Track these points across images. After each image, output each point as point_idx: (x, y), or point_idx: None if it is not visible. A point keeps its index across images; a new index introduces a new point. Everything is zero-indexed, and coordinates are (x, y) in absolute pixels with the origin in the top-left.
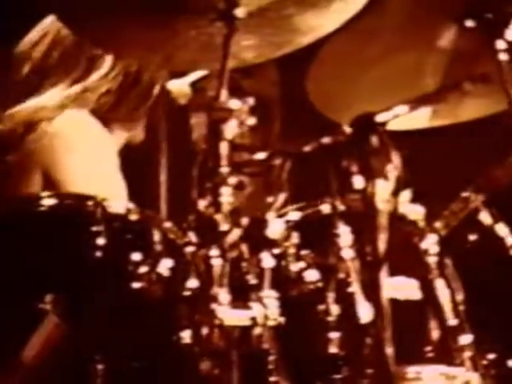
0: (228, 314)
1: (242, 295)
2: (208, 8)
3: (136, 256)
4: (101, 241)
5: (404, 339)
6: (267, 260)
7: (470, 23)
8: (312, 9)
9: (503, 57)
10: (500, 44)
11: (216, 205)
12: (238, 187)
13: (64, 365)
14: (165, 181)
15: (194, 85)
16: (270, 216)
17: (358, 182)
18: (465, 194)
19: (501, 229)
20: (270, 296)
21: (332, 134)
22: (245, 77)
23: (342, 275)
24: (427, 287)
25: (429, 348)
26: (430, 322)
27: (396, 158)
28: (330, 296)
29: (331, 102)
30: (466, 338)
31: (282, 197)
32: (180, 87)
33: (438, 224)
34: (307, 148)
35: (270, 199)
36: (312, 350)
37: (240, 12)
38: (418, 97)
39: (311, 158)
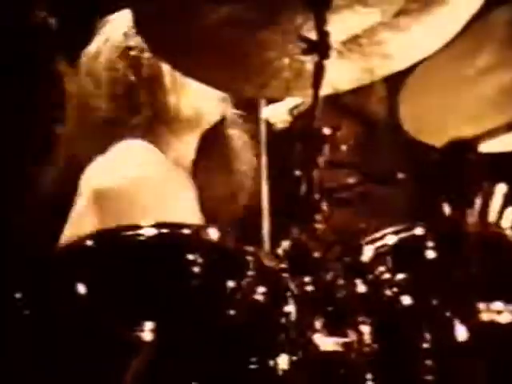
0: (323, 341)
1: (337, 322)
2: (300, 37)
3: (231, 283)
4: (197, 268)
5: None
6: (361, 286)
7: None
8: (405, 33)
9: None
10: None
11: (310, 231)
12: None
13: None
14: (266, 208)
15: (292, 110)
16: (364, 241)
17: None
18: None
19: None
20: (364, 322)
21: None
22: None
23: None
24: None
25: None
26: None
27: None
28: (425, 321)
29: (425, 124)
30: None
31: (374, 221)
32: (278, 113)
33: None
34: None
35: (362, 224)
36: (407, 377)
37: (331, 41)
38: None
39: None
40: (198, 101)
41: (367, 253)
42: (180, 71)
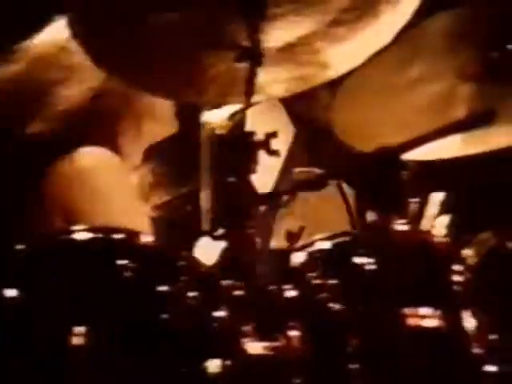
0: (254, 345)
1: (267, 326)
2: (234, 45)
3: (164, 288)
4: (129, 273)
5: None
6: (292, 291)
7: (495, 54)
8: (339, 42)
9: None
10: None
11: (243, 236)
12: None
13: None
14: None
15: (231, 116)
16: (295, 247)
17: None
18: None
19: None
20: (294, 327)
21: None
22: (298, 100)
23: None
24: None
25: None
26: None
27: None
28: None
29: (357, 132)
30: (491, 368)
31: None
32: (218, 118)
33: (467, 252)
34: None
35: (294, 230)
36: (335, 381)
37: (265, 49)
38: (447, 125)
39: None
40: None
41: (298, 258)
42: (120, 78)
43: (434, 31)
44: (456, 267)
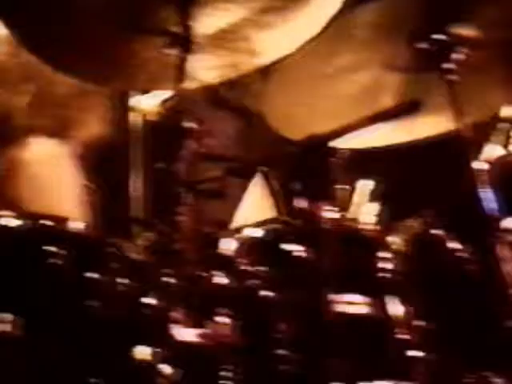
0: (185, 332)
1: (198, 313)
2: (164, 31)
3: (94, 275)
4: (59, 260)
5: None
6: (223, 278)
7: (421, 45)
8: (269, 30)
9: (452, 77)
10: (448, 65)
11: (173, 224)
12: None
13: None
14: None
15: (162, 103)
16: (226, 234)
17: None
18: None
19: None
20: (226, 314)
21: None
22: (230, 89)
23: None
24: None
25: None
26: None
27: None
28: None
29: (287, 120)
30: (417, 353)
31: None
32: (148, 105)
33: (394, 239)
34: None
35: (226, 217)
36: (265, 368)
37: (196, 35)
38: (374, 114)
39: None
40: None
41: (229, 245)
42: (49, 65)
43: (363, 21)
44: (383, 254)
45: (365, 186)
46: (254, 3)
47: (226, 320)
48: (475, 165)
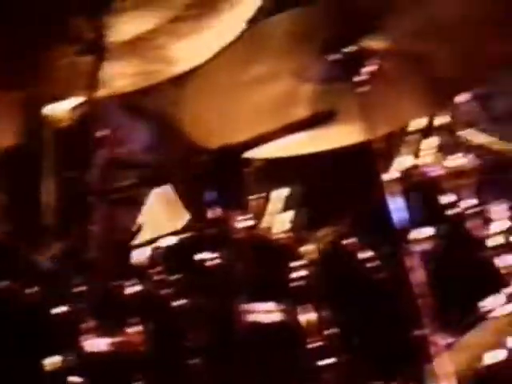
0: (96, 342)
1: (109, 322)
2: (78, 38)
3: (2, 283)
4: None
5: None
6: (135, 286)
7: (333, 56)
8: (184, 39)
9: (363, 89)
10: (360, 76)
11: (84, 232)
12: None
13: None
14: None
15: (74, 110)
16: (139, 242)
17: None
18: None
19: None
20: (138, 323)
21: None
22: (145, 96)
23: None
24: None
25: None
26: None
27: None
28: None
29: (202, 128)
30: (329, 360)
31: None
32: (62, 112)
33: (307, 248)
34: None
35: (135, 226)
36: (177, 376)
37: (110, 43)
38: (288, 124)
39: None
40: None
41: (141, 254)
42: None
43: (277, 31)
44: (296, 263)
45: (279, 195)
46: (169, 11)
47: (138, 329)
48: (386, 175)
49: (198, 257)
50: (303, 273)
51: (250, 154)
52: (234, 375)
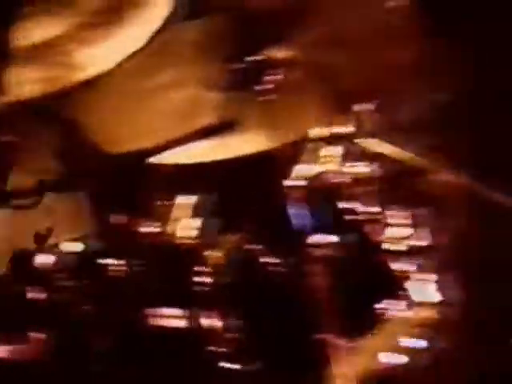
0: None
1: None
2: None
3: None
4: None
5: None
6: (37, 293)
7: (237, 65)
8: (91, 45)
9: (267, 98)
10: (264, 85)
11: None
12: None
13: None
14: None
15: None
16: (42, 247)
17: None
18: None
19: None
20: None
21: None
22: (50, 101)
23: None
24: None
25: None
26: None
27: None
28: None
29: (107, 134)
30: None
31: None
32: None
33: (213, 254)
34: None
35: (41, 231)
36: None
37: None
38: (193, 131)
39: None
40: None
41: (45, 260)
42: None
43: (183, 40)
44: (200, 268)
45: (185, 201)
46: (76, 18)
47: (40, 336)
48: (288, 182)
49: (101, 262)
50: (207, 278)
51: (154, 159)
52: (138, 381)
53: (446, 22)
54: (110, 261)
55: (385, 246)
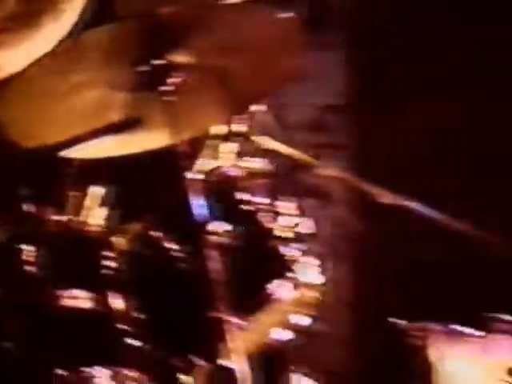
0: None
1: None
2: None
3: None
4: None
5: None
6: None
7: (142, 68)
8: (6, 48)
9: (169, 98)
10: (166, 87)
11: None
12: None
13: None
14: None
15: None
16: None
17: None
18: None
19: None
20: None
21: None
22: None
23: None
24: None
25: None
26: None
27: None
28: None
29: (22, 130)
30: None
31: None
32: None
33: (119, 240)
34: None
35: None
36: None
37: None
38: (101, 128)
39: None
40: None
41: None
42: None
43: (93, 43)
44: (108, 253)
45: (95, 192)
46: None
47: None
48: (189, 175)
49: (14, 249)
50: (114, 262)
51: (65, 153)
52: (47, 356)
53: (329, 34)
54: (23, 246)
55: (275, 233)
